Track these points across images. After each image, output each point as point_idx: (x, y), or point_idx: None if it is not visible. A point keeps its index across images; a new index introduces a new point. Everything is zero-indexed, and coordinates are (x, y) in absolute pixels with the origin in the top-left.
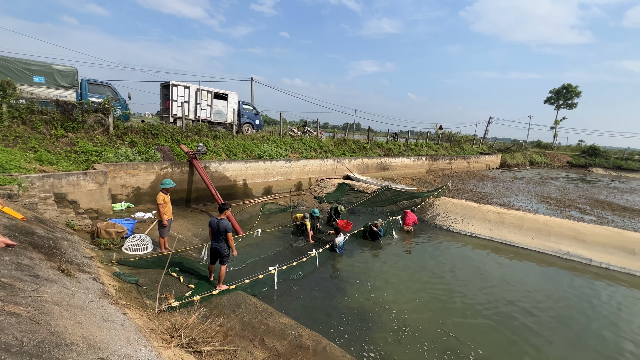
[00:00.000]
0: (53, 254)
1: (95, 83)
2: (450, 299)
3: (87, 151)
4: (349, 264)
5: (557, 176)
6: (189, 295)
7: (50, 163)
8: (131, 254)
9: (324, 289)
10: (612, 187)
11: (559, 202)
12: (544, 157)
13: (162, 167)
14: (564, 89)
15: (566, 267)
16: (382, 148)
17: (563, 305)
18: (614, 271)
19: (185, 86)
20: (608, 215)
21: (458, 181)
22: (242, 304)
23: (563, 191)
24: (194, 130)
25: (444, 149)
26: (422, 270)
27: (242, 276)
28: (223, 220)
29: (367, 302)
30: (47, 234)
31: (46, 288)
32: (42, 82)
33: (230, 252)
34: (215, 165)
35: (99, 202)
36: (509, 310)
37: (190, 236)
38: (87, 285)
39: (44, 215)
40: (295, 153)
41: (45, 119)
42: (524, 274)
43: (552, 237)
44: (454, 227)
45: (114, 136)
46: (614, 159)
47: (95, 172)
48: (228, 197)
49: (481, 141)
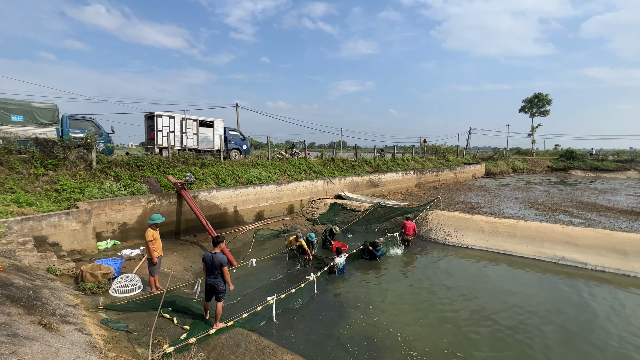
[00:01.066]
0: (33, 306)
1: (76, 118)
2: (453, 317)
3: (69, 189)
4: (348, 287)
5: (540, 181)
6: (184, 338)
7: (29, 204)
8: (119, 297)
9: (326, 317)
10: (593, 188)
11: (546, 206)
12: (525, 163)
13: (149, 200)
14: (536, 98)
15: (563, 272)
16: (370, 165)
17: (570, 316)
18: (609, 273)
19: (170, 116)
20: (594, 216)
21: (447, 192)
22: (241, 342)
23: (548, 195)
24: (180, 160)
25: (430, 161)
26: (422, 289)
27: (238, 310)
28: (218, 254)
29: (371, 328)
30: (27, 284)
31: (26, 348)
32: (21, 121)
33: (227, 287)
34: (204, 194)
35: (83, 242)
36: (513, 325)
37: (181, 271)
38: (72, 339)
39: (23, 262)
40: (284, 176)
41: (24, 158)
42: (525, 285)
43: (545, 243)
44: (449, 240)
45: (98, 171)
46: (590, 161)
47: (78, 211)
48: (219, 226)
49: (464, 152)
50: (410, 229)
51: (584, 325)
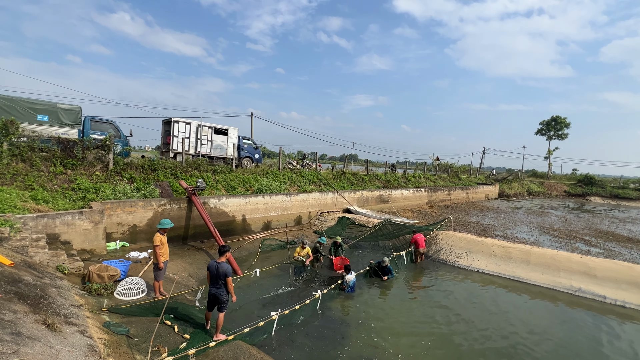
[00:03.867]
0: (39, 304)
1: (97, 120)
2: (459, 344)
3: (85, 188)
4: (351, 305)
5: (556, 206)
6: (184, 347)
7: (45, 201)
8: (123, 300)
9: (327, 335)
10: (612, 217)
11: (562, 233)
12: (541, 186)
13: (160, 203)
14: (554, 121)
15: (580, 305)
16: (380, 180)
17: (585, 350)
18: (630, 309)
19: (187, 122)
20: (614, 247)
21: (459, 212)
22: (240, 356)
23: (565, 222)
24: (193, 165)
25: (442, 180)
26: (428, 313)
27: (238, 319)
28: (223, 264)
29: (372, 349)
30: (35, 281)
31: (27, 348)
32: (46, 121)
33: (230, 298)
34: (214, 200)
35: (93, 242)
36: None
37: (186, 277)
38: (73, 341)
39: (34, 259)
40: (294, 186)
41: (45, 156)
42: (537, 315)
43: (561, 273)
44: (459, 263)
45: (113, 172)
46: (610, 188)
47: (91, 211)
48: (226, 233)
49: (477, 171)
50: (422, 242)
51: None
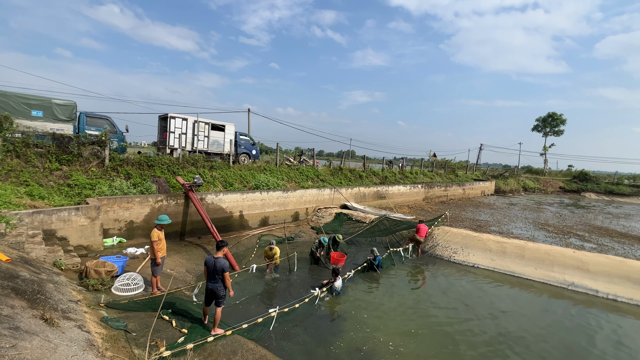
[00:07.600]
0: (37, 300)
1: (93, 116)
2: (451, 336)
3: (81, 184)
4: (347, 299)
5: (551, 202)
6: (182, 342)
7: (41, 197)
8: (121, 295)
9: (323, 329)
10: (606, 212)
11: (557, 229)
12: (536, 182)
13: (157, 199)
14: (550, 117)
15: (572, 298)
16: (377, 176)
17: (575, 342)
18: (621, 302)
19: (184, 118)
20: (607, 242)
21: (455, 208)
22: (238, 350)
23: (559, 217)
24: (190, 161)
25: (439, 176)
26: (423, 307)
27: (235, 314)
28: (220, 259)
29: (367, 341)
30: (32, 277)
31: (26, 342)
32: (40, 116)
33: (227, 293)
34: (211, 196)
35: (90, 238)
36: (516, 348)
37: (183, 272)
38: (71, 336)
39: (31, 255)
40: (292, 183)
41: (40, 152)
42: (530, 309)
43: (555, 267)
44: (455, 258)
45: (109, 168)
46: (604, 184)
47: (87, 207)
48: (224, 229)
49: (474, 168)
50: (423, 232)
51: (586, 354)
